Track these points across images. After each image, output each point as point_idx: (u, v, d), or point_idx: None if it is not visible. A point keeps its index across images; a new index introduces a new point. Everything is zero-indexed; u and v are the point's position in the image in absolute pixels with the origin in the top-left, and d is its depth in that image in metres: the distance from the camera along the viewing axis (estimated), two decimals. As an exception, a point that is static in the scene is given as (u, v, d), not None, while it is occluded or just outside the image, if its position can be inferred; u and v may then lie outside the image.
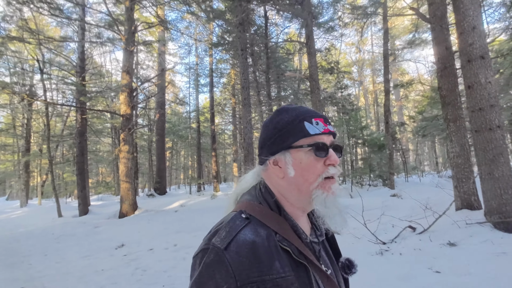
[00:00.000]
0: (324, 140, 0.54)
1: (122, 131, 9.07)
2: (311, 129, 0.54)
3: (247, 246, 0.46)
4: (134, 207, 9.06)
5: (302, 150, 0.53)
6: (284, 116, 0.57)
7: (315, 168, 0.53)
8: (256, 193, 0.57)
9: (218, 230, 0.50)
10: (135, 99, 11.17)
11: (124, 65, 9.30)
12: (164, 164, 15.96)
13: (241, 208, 0.54)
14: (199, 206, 9.26)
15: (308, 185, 0.53)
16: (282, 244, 0.49)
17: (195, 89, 21.20)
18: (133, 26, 9.37)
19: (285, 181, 0.55)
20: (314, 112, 0.57)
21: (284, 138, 0.54)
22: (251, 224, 0.50)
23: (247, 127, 6.21)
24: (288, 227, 0.53)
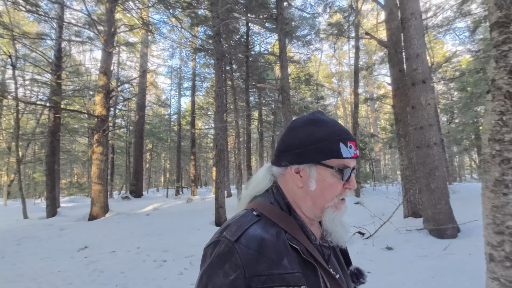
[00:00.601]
0: (351, 165, 0.55)
1: (96, 132, 8.97)
2: (345, 152, 0.54)
3: (257, 241, 0.47)
4: (105, 209, 8.93)
5: (329, 170, 0.54)
6: (320, 128, 0.56)
7: (335, 189, 0.54)
8: (268, 194, 0.58)
9: (230, 224, 0.51)
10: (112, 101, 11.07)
11: (102, 66, 9.26)
12: (141, 167, 15.74)
13: (253, 206, 0.56)
14: (173, 210, 9.28)
15: (325, 202, 0.54)
16: (291, 243, 0.50)
17: (178, 92, 21.17)
18: (112, 28, 9.37)
19: (302, 191, 0.56)
20: (349, 134, 0.57)
21: (316, 153, 0.54)
22: (261, 221, 0.51)
23: (219, 134, 6.41)
24: (297, 227, 0.54)
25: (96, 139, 8.92)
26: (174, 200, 12.93)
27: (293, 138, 0.57)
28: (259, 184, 0.61)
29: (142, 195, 15.50)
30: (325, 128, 0.56)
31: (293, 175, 0.56)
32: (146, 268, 3.36)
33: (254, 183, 0.62)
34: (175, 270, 3.21)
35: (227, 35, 11.12)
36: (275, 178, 0.60)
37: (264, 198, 0.58)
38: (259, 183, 0.61)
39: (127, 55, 19.39)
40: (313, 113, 0.60)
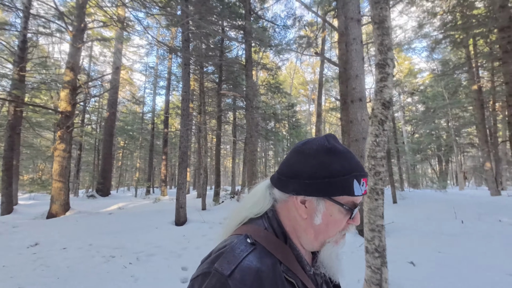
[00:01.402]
0: (359, 202, 0.53)
1: (59, 128, 8.78)
2: (357, 190, 0.51)
3: (252, 275, 0.44)
4: (66, 208, 8.75)
5: (338, 206, 0.51)
6: (335, 160, 0.51)
7: (340, 225, 0.52)
8: (262, 218, 0.55)
9: (221, 254, 0.47)
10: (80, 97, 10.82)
11: (69, 61, 9.10)
12: (110, 165, 15.38)
13: (246, 232, 0.51)
14: (137, 210, 9.28)
15: (327, 237, 0.52)
16: (287, 275, 0.47)
17: (153, 91, 20.89)
18: (82, 24, 9.25)
19: (305, 223, 0.53)
20: (363, 170, 0.54)
21: (328, 187, 0.50)
22: (257, 250, 0.47)
23: (183, 137, 6.63)
24: (293, 257, 0.51)
25: (59, 135, 8.73)
26: (141, 200, 12.82)
27: (304, 165, 0.52)
28: (257, 205, 0.56)
29: (110, 194, 15.14)
30: (341, 161, 0.51)
31: (298, 204, 0.53)
32: (93, 263, 3.53)
33: (251, 203, 0.57)
34: (120, 265, 3.42)
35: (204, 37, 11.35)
36: (275, 201, 0.56)
37: (258, 223, 0.54)
38: (257, 204, 0.56)
39: (101, 50, 18.88)
40: (328, 139, 0.55)
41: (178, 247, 4.34)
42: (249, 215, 0.56)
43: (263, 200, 0.57)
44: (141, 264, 3.48)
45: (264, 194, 0.57)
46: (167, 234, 5.33)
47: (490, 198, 9.96)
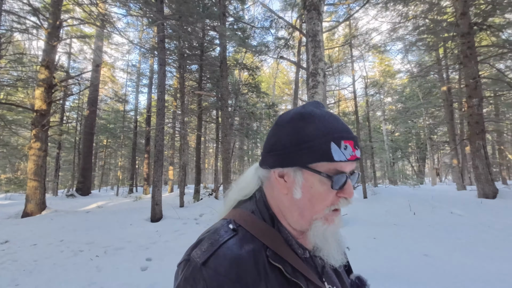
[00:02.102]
0: (346, 169, 0.47)
1: (34, 127, 8.70)
2: (336, 154, 0.45)
3: (229, 263, 0.41)
4: (42, 207, 8.71)
5: (317, 175, 0.46)
6: (308, 125, 0.47)
7: (325, 199, 0.46)
8: (251, 201, 0.53)
9: (202, 240, 0.46)
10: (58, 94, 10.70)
11: (44, 59, 9.02)
12: (90, 164, 15.21)
13: (231, 216, 0.50)
14: (116, 208, 9.34)
15: (313, 214, 0.47)
16: (272, 261, 0.44)
17: (136, 89, 20.69)
18: (58, 21, 9.16)
19: (288, 199, 0.49)
20: (346, 131, 0.47)
21: (302, 155, 0.46)
22: (238, 236, 0.45)
23: (158, 136, 6.79)
24: (281, 241, 0.48)
25: (34, 134, 8.66)
26: (122, 199, 12.81)
27: (277, 136, 0.49)
28: (246, 187, 0.55)
29: (90, 193, 14.99)
30: (316, 124, 0.47)
31: (276, 179, 0.49)
32: (61, 257, 3.69)
33: (240, 186, 0.56)
34: (87, 258, 3.60)
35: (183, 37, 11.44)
36: (262, 182, 0.54)
37: (246, 206, 0.52)
38: (246, 186, 0.55)
39: (80, 47, 18.49)
40: (306, 105, 0.51)
41: (148, 241, 4.54)
42: (238, 198, 0.54)
43: (251, 181, 0.55)
44: (108, 257, 3.67)
45: (252, 176, 0.55)
46: (140, 230, 5.51)
47: (455, 192, 10.68)
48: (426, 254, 2.97)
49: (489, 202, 7.46)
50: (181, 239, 4.79)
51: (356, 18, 12.28)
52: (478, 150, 8.62)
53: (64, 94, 12.12)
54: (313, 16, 2.57)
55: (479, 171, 8.62)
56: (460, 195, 9.17)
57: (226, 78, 7.21)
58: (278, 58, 6.24)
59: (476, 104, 8.78)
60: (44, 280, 2.86)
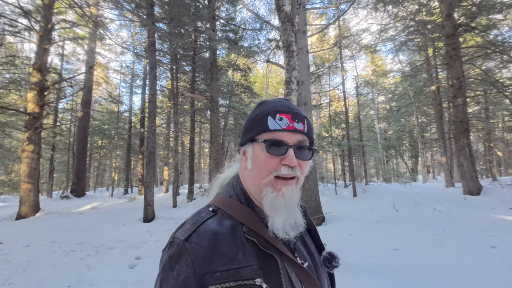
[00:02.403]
0: (284, 138, 0.51)
1: (27, 129, 8.76)
2: (271, 124, 0.51)
3: (209, 237, 0.46)
4: (36, 209, 8.78)
5: (260, 144, 0.52)
6: (258, 108, 0.56)
7: (268, 165, 0.51)
8: (229, 186, 0.58)
9: (184, 223, 0.51)
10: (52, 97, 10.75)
11: (36, 62, 9.07)
12: (84, 165, 15.24)
13: (212, 202, 0.55)
14: (110, 209, 9.45)
15: (260, 180, 0.52)
16: (247, 235, 0.48)
17: (130, 90, 20.71)
18: (49, 24, 9.22)
19: (247, 173, 0.55)
20: (286, 108, 0.53)
21: (250, 131, 0.54)
22: (217, 216, 0.50)
23: (150, 137, 6.92)
24: (256, 218, 0.52)
25: (27, 136, 8.72)
26: (117, 199, 12.90)
27: (244, 123, 0.59)
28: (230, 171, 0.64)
29: (85, 195, 15.04)
30: (263, 106, 0.55)
31: (242, 158, 0.56)
32: (53, 256, 3.83)
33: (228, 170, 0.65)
34: (78, 257, 3.75)
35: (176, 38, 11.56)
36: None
37: (224, 191, 0.58)
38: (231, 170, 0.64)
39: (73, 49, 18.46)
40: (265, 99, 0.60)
41: (139, 241, 4.69)
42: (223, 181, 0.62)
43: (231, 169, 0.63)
44: (99, 256, 3.82)
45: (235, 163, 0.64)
46: (132, 230, 5.65)
47: (443, 189, 10.96)
48: (396, 249, 3.17)
49: (472, 199, 7.73)
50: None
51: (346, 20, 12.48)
52: (463, 148, 8.89)
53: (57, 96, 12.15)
54: (287, 28, 2.73)
55: (464, 169, 8.89)
56: (446, 192, 9.44)
57: (216, 81, 7.36)
58: (266, 62, 6.39)
59: (460, 103, 9.04)
60: (36, 279, 3.00)
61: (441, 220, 5.07)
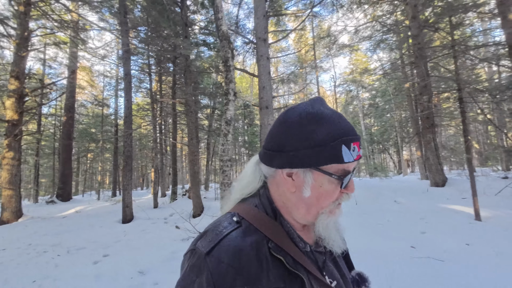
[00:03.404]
0: (351, 169, 0.50)
1: (7, 137, 8.89)
2: (346, 156, 0.47)
3: (232, 253, 0.43)
4: (18, 214, 8.93)
5: (326, 176, 0.48)
6: (319, 128, 0.48)
7: (332, 196, 0.49)
8: (255, 196, 0.54)
9: (207, 231, 0.48)
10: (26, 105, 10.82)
11: (13, 70, 9.17)
12: (69, 170, 15.31)
13: (235, 210, 0.52)
14: (93, 212, 9.66)
15: (319, 209, 0.50)
16: (274, 252, 0.46)
17: (115, 92, 20.74)
18: (26, 32, 9.32)
19: (295, 196, 0.50)
20: (353, 132, 0.49)
21: (313, 156, 0.47)
22: (241, 228, 0.47)
23: (127, 142, 7.18)
24: (283, 234, 0.49)
25: (7, 144, 8.85)
26: (103, 203, 13.07)
27: (286, 136, 0.50)
28: (248, 185, 0.56)
29: (71, 199, 15.13)
30: (327, 126, 0.48)
31: (284, 178, 0.51)
32: (26, 258, 4.10)
33: (242, 184, 0.57)
34: (49, 257, 4.03)
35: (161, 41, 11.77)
36: (265, 178, 0.55)
37: (249, 201, 0.54)
38: (249, 184, 0.56)
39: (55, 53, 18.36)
40: (313, 103, 0.51)
41: (111, 241, 4.99)
42: (242, 196, 0.55)
43: (253, 179, 0.55)
44: (69, 255, 4.11)
45: (253, 173, 0.56)
46: (108, 231, 5.94)
47: (415, 182, 11.53)
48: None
49: (435, 190, 8.27)
50: (145, 237, 5.27)
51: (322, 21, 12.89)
52: (429, 143, 9.43)
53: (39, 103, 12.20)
54: (225, 45, 3.08)
55: (430, 162, 9.44)
56: (416, 185, 9.97)
57: (190, 85, 7.66)
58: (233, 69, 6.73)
59: (426, 100, 9.56)
60: (4, 276, 3.28)
61: (394, 211, 5.53)
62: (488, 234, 3.61)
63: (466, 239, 3.44)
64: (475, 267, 2.63)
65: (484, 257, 2.92)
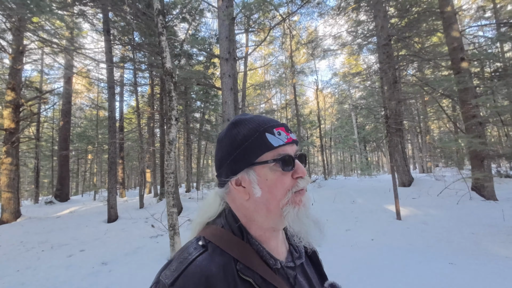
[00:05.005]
0: (289, 152, 0.50)
1: (5, 144, 9.69)
2: (274, 140, 0.49)
3: (198, 280, 0.42)
4: (17, 215, 9.74)
5: (267, 165, 0.49)
6: (241, 129, 0.51)
7: (283, 184, 0.49)
8: (220, 218, 0.54)
9: (171, 260, 0.47)
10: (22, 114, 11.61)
11: (9, 82, 9.94)
12: (67, 172, 16.16)
13: (202, 233, 0.51)
14: (85, 213, 10.46)
15: (278, 202, 0.49)
16: (242, 274, 0.45)
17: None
18: (21, 47, 10.08)
19: (251, 202, 0.51)
20: (275, 121, 0.52)
21: (245, 154, 0.49)
22: (207, 252, 0.46)
23: (111, 149, 7.92)
24: (252, 253, 0.49)
25: (5, 150, 9.65)
26: (97, 203, 13.89)
27: (221, 150, 0.53)
28: (209, 209, 0.56)
29: (69, 199, 15.99)
30: (246, 125, 0.52)
31: (235, 189, 0.52)
32: (16, 253, 4.87)
33: (204, 209, 0.56)
34: (35, 252, 4.80)
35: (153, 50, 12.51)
36: (224, 200, 0.55)
37: (216, 222, 0.53)
38: (209, 208, 0.56)
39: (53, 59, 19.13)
40: (235, 117, 0.56)
41: (92, 238, 5.75)
42: (204, 220, 0.55)
43: (213, 203, 0.56)
44: (52, 250, 4.87)
45: (214, 198, 0.57)
46: (92, 230, 6.70)
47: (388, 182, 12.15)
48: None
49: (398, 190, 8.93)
50: (121, 234, 6.02)
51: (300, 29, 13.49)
52: (396, 145, 10.08)
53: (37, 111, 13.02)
54: (168, 79, 3.79)
55: (397, 164, 10.10)
56: (384, 185, 10.62)
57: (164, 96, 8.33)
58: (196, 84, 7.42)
59: (393, 105, 10.19)
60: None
61: (345, 210, 6.22)
62: (396, 230, 4.30)
63: (376, 235, 4.13)
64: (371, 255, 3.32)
65: (381, 249, 3.62)
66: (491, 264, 2.53)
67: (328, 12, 12.30)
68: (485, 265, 2.51)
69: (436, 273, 2.49)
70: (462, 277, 2.28)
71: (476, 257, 2.81)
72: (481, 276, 2.31)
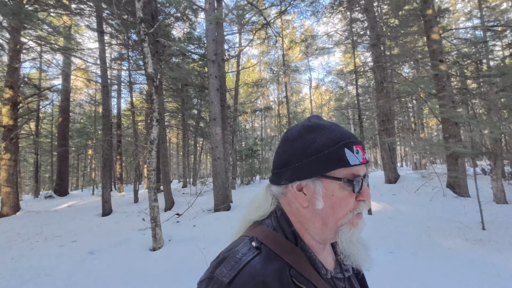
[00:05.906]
0: (361, 173, 0.49)
1: (4, 140, 10.03)
2: (351, 158, 0.48)
3: (254, 283, 0.42)
4: (16, 209, 10.12)
5: (338, 182, 0.48)
6: (318, 136, 0.49)
7: (347, 204, 0.48)
8: (271, 219, 0.52)
9: (225, 258, 0.46)
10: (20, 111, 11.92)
11: (7, 80, 10.23)
12: (66, 167, 16.54)
13: (253, 233, 0.50)
14: (82, 207, 10.84)
15: (337, 221, 0.48)
16: (296, 281, 0.44)
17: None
18: (18, 46, 10.35)
19: (309, 211, 0.50)
20: (354, 137, 0.50)
21: (318, 164, 0.48)
22: (262, 254, 0.45)
23: (105, 146, 8.24)
24: (305, 260, 0.48)
25: (4, 146, 9.99)
26: (95, 197, 14.27)
27: (289, 151, 0.51)
28: (260, 207, 0.54)
29: (68, 194, 16.41)
30: (326, 133, 0.50)
31: (295, 193, 0.50)
32: (12, 243, 5.22)
33: (254, 206, 0.55)
34: (29, 243, 5.15)
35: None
36: (277, 200, 0.54)
37: (266, 223, 0.52)
38: (260, 206, 0.54)
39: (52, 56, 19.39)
40: (309, 119, 0.54)
41: (85, 230, 6.10)
42: (254, 218, 0.54)
43: (265, 201, 0.55)
44: (46, 241, 5.22)
45: (265, 195, 0.55)
46: (87, 223, 7.06)
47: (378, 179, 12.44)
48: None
49: (382, 187, 9.23)
50: (113, 227, 6.37)
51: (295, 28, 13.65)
52: (384, 144, 10.34)
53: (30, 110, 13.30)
54: (149, 83, 4.07)
55: (384, 161, 10.38)
56: (373, 181, 10.91)
57: (161, 95, 8.63)
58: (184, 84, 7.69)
59: (382, 105, 10.43)
60: (-6, 256, 4.39)
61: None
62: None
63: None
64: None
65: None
66: (431, 254, 2.82)
67: (322, 11, 12.46)
68: (426, 254, 2.80)
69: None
70: (398, 264, 2.57)
71: (421, 247, 3.11)
72: (418, 264, 2.60)
